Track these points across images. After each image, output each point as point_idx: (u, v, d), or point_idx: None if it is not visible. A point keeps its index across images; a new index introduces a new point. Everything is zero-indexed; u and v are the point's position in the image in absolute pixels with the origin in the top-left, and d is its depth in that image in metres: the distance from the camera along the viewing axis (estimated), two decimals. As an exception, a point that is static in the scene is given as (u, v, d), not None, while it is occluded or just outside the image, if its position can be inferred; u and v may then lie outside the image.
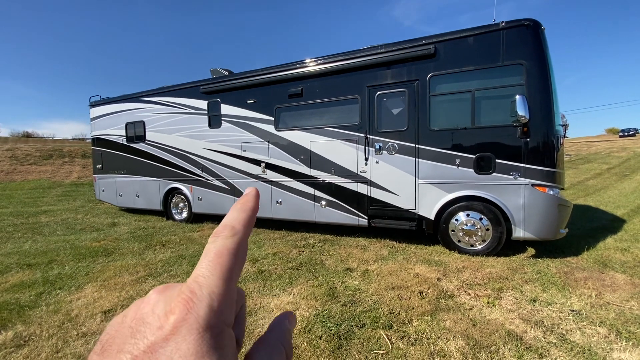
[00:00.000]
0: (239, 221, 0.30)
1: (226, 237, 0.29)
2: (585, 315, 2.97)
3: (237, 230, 0.30)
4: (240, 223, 0.30)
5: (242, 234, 0.30)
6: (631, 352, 2.38)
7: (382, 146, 5.44)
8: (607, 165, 17.17)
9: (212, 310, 0.25)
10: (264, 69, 6.52)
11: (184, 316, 0.25)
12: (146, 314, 0.26)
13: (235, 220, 0.31)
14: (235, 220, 0.30)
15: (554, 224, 4.51)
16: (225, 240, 0.29)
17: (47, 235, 6.75)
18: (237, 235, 0.29)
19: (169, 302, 0.26)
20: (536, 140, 4.47)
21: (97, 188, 9.76)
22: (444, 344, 2.56)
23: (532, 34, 4.45)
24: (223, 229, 0.30)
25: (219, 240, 0.29)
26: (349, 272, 4.20)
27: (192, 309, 0.25)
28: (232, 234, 0.29)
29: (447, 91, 5.03)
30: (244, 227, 0.30)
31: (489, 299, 3.36)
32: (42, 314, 3.19)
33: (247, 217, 0.31)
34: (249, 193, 0.34)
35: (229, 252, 0.28)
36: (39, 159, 22.41)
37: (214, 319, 0.25)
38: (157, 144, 8.12)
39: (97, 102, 9.33)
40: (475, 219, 4.87)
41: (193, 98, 7.43)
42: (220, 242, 0.28)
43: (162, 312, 0.26)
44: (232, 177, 7.07)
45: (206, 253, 0.28)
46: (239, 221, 0.30)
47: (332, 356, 2.42)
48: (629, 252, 4.74)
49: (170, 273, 4.31)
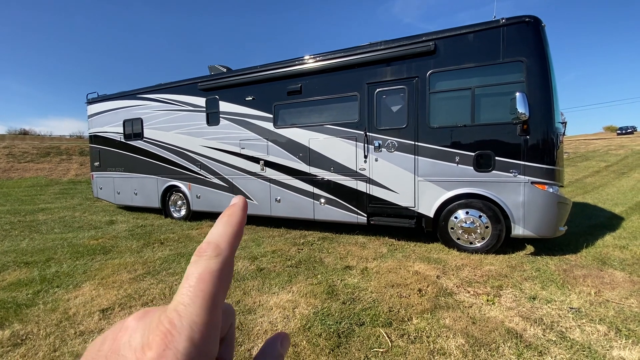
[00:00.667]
0: (224, 238, 0.28)
1: (209, 257, 0.27)
2: (585, 313, 2.97)
3: (221, 249, 0.27)
4: (226, 240, 0.28)
5: (227, 252, 0.27)
6: (631, 350, 2.38)
7: (381, 144, 5.42)
8: (605, 163, 17.22)
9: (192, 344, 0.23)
10: (262, 66, 6.47)
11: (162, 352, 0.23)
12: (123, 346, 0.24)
13: (220, 236, 0.28)
14: (220, 237, 0.28)
15: (553, 222, 4.50)
16: (209, 261, 0.26)
17: (45, 233, 6.71)
18: (222, 255, 0.27)
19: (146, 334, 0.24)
20: (536, 137, 4.45)
21: (94, 186, 9.71)
22: (444, 342, 2.55)
23: (532, 31, 4.42)
24: (206, 247, 0.27)
25: (202, 261, 0.26)
26: (348, 270, 4.19)
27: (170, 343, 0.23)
28: (216, 254, 0.27)
29: (447, 88, 5.01)
30: (229, 245, 0.28)
31: (489, 296, 3.35)
32: (39, 313, 3.16)
33: (233, 233, 0.29)
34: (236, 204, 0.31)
35: (212, 276, 0.26)
36: (36, 156, 22.28)
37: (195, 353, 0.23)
38: (155, 142, 8.07)
39: (95, 99, 9.26)
40: (475, 217, 4.87)
41: (191, 95, 7.38)
42: (203, 264, 0.26)
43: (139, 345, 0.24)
44: (230, 174, 7.04)
45: (187, 277, 0.26)
46: (224, 238, 0.28)
47: (331, 354, 2.41)
48: (628, 249, 4.74)
49: (168, 271, 4.29)
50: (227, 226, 0.29)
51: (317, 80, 5.93)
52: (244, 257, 4.76)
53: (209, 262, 0.26)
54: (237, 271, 4.23)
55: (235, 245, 0.28)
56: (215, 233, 0.29)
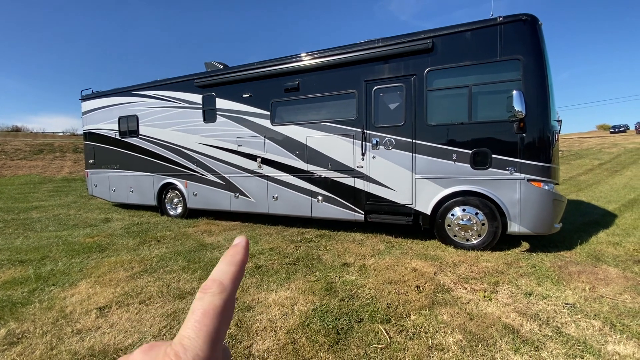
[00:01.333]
0: (228, 276, 0.30)
1: (214, 294, 0.28)
2: (580, 309, 3.01)
3: (225, 286, 0.29)
4: (229, 278, 0.30)
5: (230, 290, 0.29)
6: (625, 345, 2.42)
7: (379, 141, 5.43)
8: (598, 161, 17.41)
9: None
10: (260, 63, 6.43)
11: None
12: None
13: (224, 274, 0.30)
14: (224, 275, 0.30)
15: (548, 219, 4.55)
16: (213, 297, 0.28)
17: (39, 231, 6.63)
18: (225, 292, 0.29)
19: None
20: (532, 135, 4.49)
21: (89, 183, 9.61)
22: (442, 338, 2.57)
23: (529, 29, 4.44)
24: (211, 284, 0.29)
25: (207, 297, 0.28)
26: (346, 267, 4.20)
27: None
28: (220, 291, 0.29)
29: (444, 86, 5.03)
30: (232, 283, 0.30)
31: (485, 293, 3.39)
32: (35, 311, 3.13)
33: (236, 272, 0.31)
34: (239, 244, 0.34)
35: (216, 312, 0.27)
36: (29, 153, 21.99)
37: None
38: (151, 139, 8.00)
39: (89, 96, 9.15)
40: (471, 214, 4.90)
41: (187, 92, 7.32)
42: (208, 300, 0.28)
43: None
44: (227, 172, 7.01)
45: (193, 311, 0.27)
46: (228, 276, 0.30)
47: (330, 351, 2.42)
48: (621, 246, 4.81)
49: (165, 269, 4.27)
50: (230, 265, 0.31)
51: (315, 78, 5.92)
52: (241, 255, 4.75)
53: (214, 298, 0.28)
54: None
55: (237, 282, 0.30)
56: (219, 271, 0.30)
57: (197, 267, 4.27)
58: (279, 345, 2.51)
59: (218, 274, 0.30)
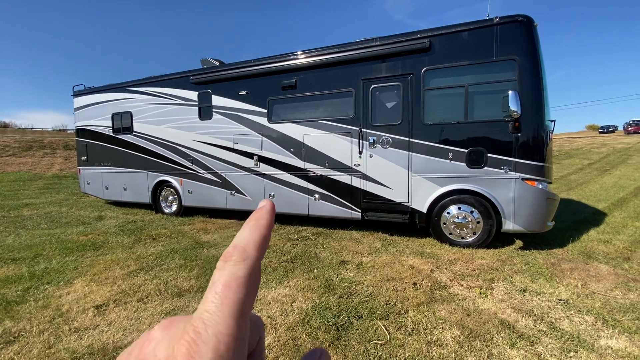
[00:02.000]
0: (251, 242, 0.27)
1: (236, 262, 0.26)
2: (573, 305, 3.09)
3: (248, 253, 0.26)
4: (253, 244, 0.27)
5: (255, 258, 0.26)
6: (617, 339, 2.50)
7: (376, 140, 5.46)
8: (588, 161, 17.73)
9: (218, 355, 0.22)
10: (256, 60, 6.40)
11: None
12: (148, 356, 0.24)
13: (246, 240, 0.27)
14: (247, 241, 0.27)
15: (542, 217, 4.64)
16: (235, 266, 0.25)
17: (31, 229, 6.52)
18: (249, 259, 0.26)
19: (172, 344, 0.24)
20: (527, 135, 4.56)
21: (81, 181, 9.46)
22: (440, 334, 2.62)
23: (525, 30, 4.51)
24: (233, 250, 0.26)
25: (228, 267, 0.25)
26: (344, 265, 4.23)
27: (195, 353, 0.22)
28: (243, 259, 0.26)
29: (441, 85, 5.07)
30: (256, 250, 0.27)
31: (481, 289, 3.44)
32: (30, 310, 3.09)
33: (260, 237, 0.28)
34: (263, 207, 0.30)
35: (239, 283, 0.24)
36: (18, 150, 21.53)
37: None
38: (146, 136, 7.91)
39: (82, 92, 8.99)
40: (467, 212, 4.97)
41: (183, 89, 7.25)
42: (229, 270, 0.25)
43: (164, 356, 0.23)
44: (223, 169, 6.97)
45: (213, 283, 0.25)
46: (251, 242, 0.27)
47: (331, 347, 2.44)
48: (611, 243, 4.93)
49: (162, 267, 4.24)
50: (255, 230, 0.28)
51: (313, 76, 5.91)
52: (239, 253, 4.75)
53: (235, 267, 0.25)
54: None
55: (262, 250, 0.27)
56: (242, 237, 0.28)
57: (194, 265, 4.25)
58: (279, 342, 2.53)
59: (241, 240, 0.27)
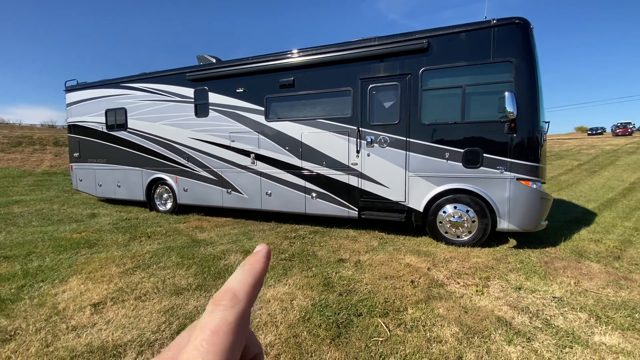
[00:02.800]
0: (243, 286, 0.27)
1: (226, 307, 0.25)
2: (567, 302, 3.16)
3: (239, 298, 0.26)
4: (244, 289, 0.27)
5: (245, 303, 0.26)
6: (611, 335, 2.57)
7: (373, 139, 5.49)
8: (577, 162, 18.06)
9: None
10: (254, 57, 6.37)
11: None
12: None
13: (239, 284, 0.27)
14: (240, 285, 0.27)
15: (536, 217, 4.73)
16: (225, 312, 0.25)
17: (22, 226, 6.40)
18: (239, 305, 0.25)
19: None
20: (522, 135, 4.64)
21: (74, 177, 9.30)
22: (439, 330, 2.66)
23: (521, 32, 4.58)
24: (223, 295, 0.26)
25: (218, 312, 0.25)
26: (342, 263, 4.25)
27: None
28: (233, 304, 0.25)
29: (439, 86, 5.12)
30: (247, 295, 0.26)
31: (477, 287, 3.50)
32: (26, 308, 3.05)
33: (253, 282, 0.27)
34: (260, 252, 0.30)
35: (228, 329, 0.24)
36: (7, 146, 21.06)
37: None
38: (140, 133, 7.81)
39: (74, 87, 8.84)
40: (462, 211, 5.03)
41: (179, 85, 7.18)
42: (219, 316, 0.25)
43: None
44: (219, 167, 6.93)
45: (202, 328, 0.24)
46: (243, 286, 0.27)
47: (332, 344, 2.46)
48: (602, 243, 5.05)
49: (159, 265, 4.21)
50: (249, 274, 0.28)
51: (311, 74, 5.91)
52: (235, 251, 4.74)
53: (225, 313, 0.25)
54: (230, 265, 4.21)
55: (254, 295, 0.27)
56: (235, 280, 0.27)
57: (191, 263, 4.23)
58: (281, 339, 2.53)
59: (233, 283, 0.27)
